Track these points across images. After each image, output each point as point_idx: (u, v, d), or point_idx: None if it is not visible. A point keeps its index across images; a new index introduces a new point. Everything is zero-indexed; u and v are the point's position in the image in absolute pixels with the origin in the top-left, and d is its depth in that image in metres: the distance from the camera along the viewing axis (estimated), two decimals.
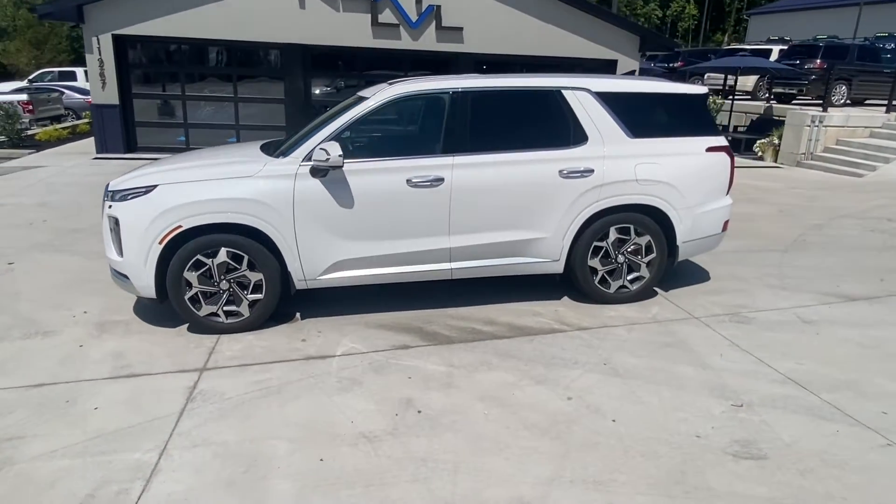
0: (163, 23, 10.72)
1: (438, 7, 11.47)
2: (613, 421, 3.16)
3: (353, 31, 11.34)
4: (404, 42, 11.63)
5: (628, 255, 4.67)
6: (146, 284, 4.09)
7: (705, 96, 4.85)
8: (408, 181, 4.20)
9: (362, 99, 4.40)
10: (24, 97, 14.29)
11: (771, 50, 18.25)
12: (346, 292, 4.71)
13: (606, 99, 4.54)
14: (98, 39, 10.60)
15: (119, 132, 11.12)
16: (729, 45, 34.45)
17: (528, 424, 3.14)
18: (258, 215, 4.06)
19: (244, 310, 4.25)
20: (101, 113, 11.03)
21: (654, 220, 4.62)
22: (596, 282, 4.68)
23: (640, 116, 4.63)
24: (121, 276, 4.18)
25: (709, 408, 3.26)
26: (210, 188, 4.05)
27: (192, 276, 4.10)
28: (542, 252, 4.53)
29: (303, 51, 11.43)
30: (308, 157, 4.09)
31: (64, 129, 13.62)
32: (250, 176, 4.09)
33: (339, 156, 3.97)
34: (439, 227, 4.32)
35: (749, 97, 18.19)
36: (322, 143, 4.05)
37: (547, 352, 3.95)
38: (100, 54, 10.66)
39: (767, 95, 16.58)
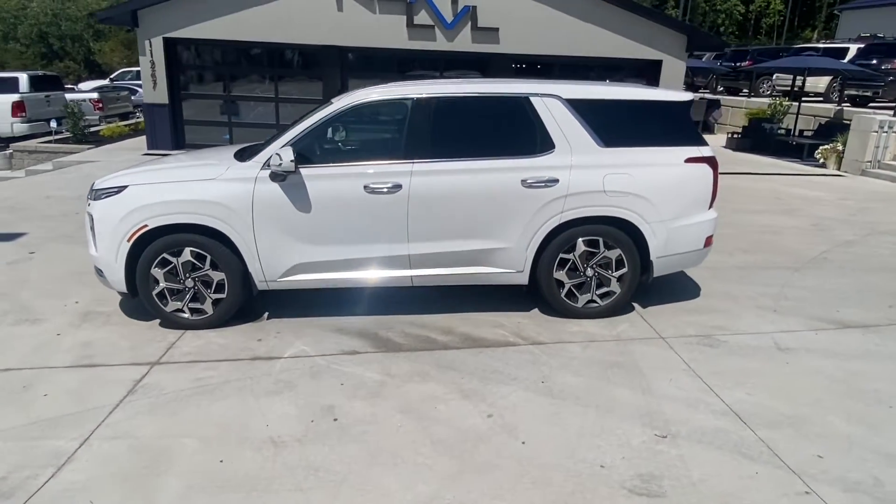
0: (209, 26, 11.23)
1: (474, 8, 11.39)
2: (523, 443, 3.05)
3: (389, 32, 11.46)
4: (439, 43, 11.64)
5: (598, 269, 4.49)
6: (118, 279, 4.32)
7: (686, 104, 4.57)
8: (365, 187, 4.22)
9: (330, 104, 4.46)
10: (95, 95, 15.41)
11: (846, 49, 16.94)
12: (319, 294, 4.76)
13: (577, 106, 4.37)
14: (150, 42, 11.25)
15: (168, 130, 11.77)
16: (818, 42, 32.23)
17: (435, 440, 3.09)
18: (219, 217, 4.19)
19: (208, 307, 4.40)
20: (152, 112, 11.71)
21: (626, 234, 4.42)
22: (562, 295, 4.53)
23: (613, 125, 4.44)
24: (98, 271, 4.43)
25: (630, 436, 3.09)
26: (174, 190, 4.22)
27: (158, 274, 4.30)
28: (505, 262, 4.42)
29: (340, 52, 11.67)
30: (267, 163, 4.19)
31: (127, 125, 14.55)
32: (213, 179, 4.23)
33: (291, 161, 4.04)
34: (398, 233, 4.31)
35: (821, 99, 17.00)
36: (278, 149, 4.14)
37: (489, 366, 3.86)
38: (151, 56, 11.32)
39: (839, 98, 15.43)
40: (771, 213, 8.20)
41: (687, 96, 4.58)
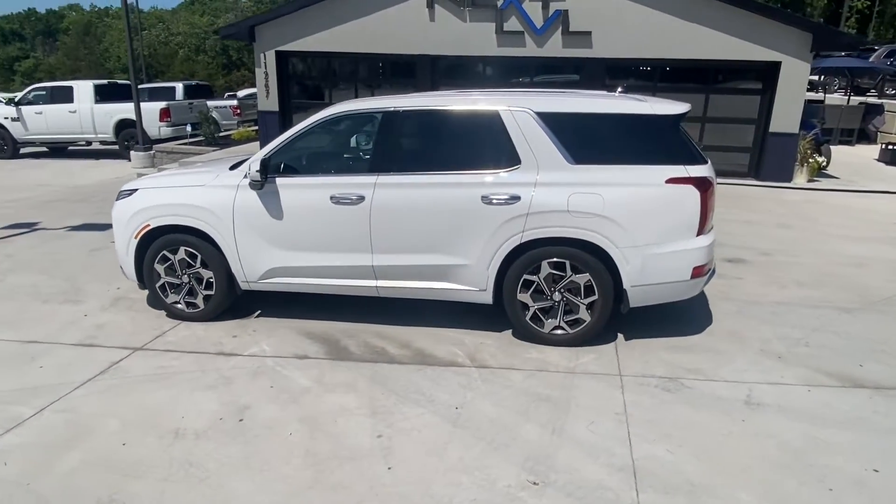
0: (314, 39, 12.11)
1: (565, 12, 11.03)
2: (389, 468, 2.98)
3: (479, 40, 11.50)
4: (528, 49, 11.44)
5: (566, 294, 4.20)
6: (130, 272, 4.91)
7: (675, 118, 4.09)
8: (332, 198, 4.35)
9: (307, 118, 4.65)
10: (234, 103, 17.32)
11: None
12: (311, 298, 4.92)
13: (549, 121, 4.13)
14: (265, 55, 12.39)
15: (277, 135, 12.86)
16: None
17: (310, 453, 3.13)
18: (205, 220, 4.58)
19: (200, 302, 4.83)
20: (265, 118, 12.88)
21: (597, 258, 4.08)
22: (527, 318, 4.30)
23: (586, 141, 4.13)
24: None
25: (500, 478, 2.88)
26: (170, 195, 4.69)
27: (160, 269, 4.80)
28: (467, 280, 4.31)
29: (431, 61, 11.94)
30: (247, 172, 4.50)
31: (255, 130, 16.14)
32: (202, 185, 4.64)
33: (257, 171, 4.31)
34: (362, 244, 4.39)
35: None
36: (253, 159, 4.43)
37: (419, 385, 3.80)
38: (265, 68, 12.46)
39: None
40: (871, 243, 7.00)
41: (675, 109, 4.10)
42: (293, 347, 4.38)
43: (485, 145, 4.27)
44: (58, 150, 16.19)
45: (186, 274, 4.78)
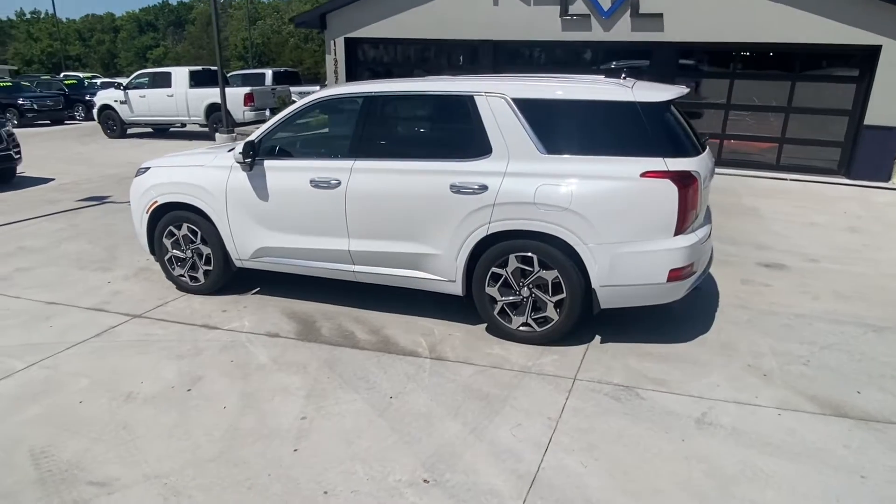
0: (380, 26, 12.30)
1: None
2: (295, 450, 3.01)
3: (542, 24, 11.14)
4: (594, 34, 10.93)
5: (534, 290, 4.00)
6: (144, 244, 5.27)
7: (659, 105, 3.72)
8: (311, 181, 4.42)
9: (294, 102, 4.73)
10: (316, 87, 18.00)
11: None
12: (311, 278, 4.93)
13: (524, 107, 3.93)
14: (335, 42, 12.76)
15: None
16: None
17: (234, 427, 3.22)
18: (202, 198, 4.82)
19: (201, 276, 5.10)
20: None
21: (566, 255, 3.85)
22: (495, 313, 4.15)
23: (561, 129, 3.89)
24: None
25: (394, 472, 2.81)
26: (174, 173, 4.97)
27: (167, 243, 5.12)
28: (437, 270, 4.23)
29: (494, 47, 11.73)
30: None
31: None
32: (201, 165, 4.87)
33: (240, 153, 4.45)
34: (339, 229, 4.43)
35: None
36: (242, 142, 4.58)
37: (366, 372, 3.79)
38: (335, 55, 12.82)
39: None
40: None
41: (661, 96, 3.75)
42: (270, 325, 4.51)
43: (458, 132, 4.15)
44: (160, 131, 17.65)
45: (189, 249, 5.06)
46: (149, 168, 5.15)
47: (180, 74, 16.02)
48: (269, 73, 17.76)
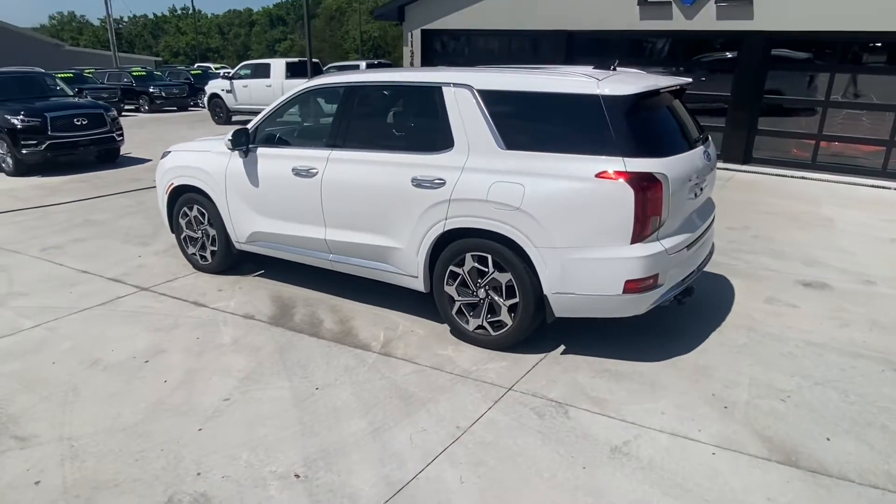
0: (454, 18, 12.23)
1: None
2: (199, 430, 3.09)
3: (619, 12, 10.52)
4: (675, 22, 10.14)
5: (490, 292, 3.81)
6: (165, 223, 5.66)
7: (626, 99, 3.35)
8: (293, 170, 4.50)
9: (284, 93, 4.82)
10: None
11: None
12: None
13: (488, 99, 3.73)
14: (412, 34, 12.88)
15: None
16: None
17: (161, 401, 3.36)
18: (207, 182, 5.07)
19: (209, 256, 5.39)
20: None
21: (520, 257, 3.62)
22: (453, 312, 4.00)
23: (522, 123, 3.66)
24: None
25: (273, 463, 2.80)
26: (186, 158, 5.26)
27: (182, 223, 5.46)
28: (402, 264, 4.15)
29: (567, 37, 11.26)
30: None
31: None
32: (208, 151, 5.12)
33: (229, 140, 4.62)
34: (316, 217, 4.48)
35: None
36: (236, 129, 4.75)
37: (311, 361, 3.81)
38: (412, 46, 12.96)
39: None
40: None
41: (628, 89, 3.37)
42: (251, 307, 4.67)
43: (425, 124, 4.03)
44: None
45: (199, 230, 5.36)
46: (170, 152, 5.51)
47: (278, 66, 16.97)
48: (363, 64, 18.31)
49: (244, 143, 4.68)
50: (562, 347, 3.91)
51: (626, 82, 3.46)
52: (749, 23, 9.57)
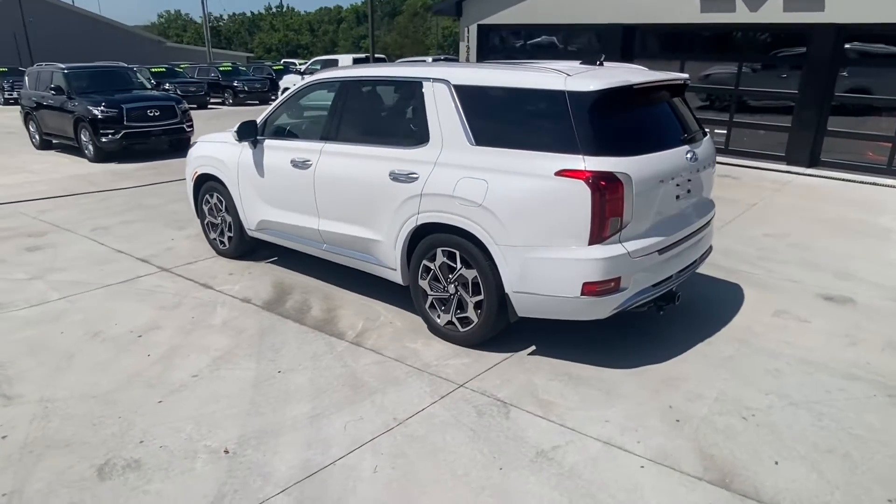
0: (511, 12, 12.11)
1: None
2: (160, 402, 3.29)
3: (678, 4, 10.03)
4: (739, 14, 9.54)
5: (459, 288, 3.80)
6: (192, 209, 6.02)
7: (590, 95, 3.21)
8: (291, 161, 4.67)
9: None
10: None
11: None
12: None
13: (463, 94, 3.71)
14: (468, 29, 12.88)
15: None
16: None
17: (137, 373, 3.60)
18: (222, 171, 5.36)
19: (226, 241, 5.69)
20: None
21: (483, 254, 3.58)
22: (426, 306, 4.02)
23: (492, 119, 3.61)
24: None
25: (211, 438, 2.94)
26: (208, 148, 5.57)
27: (205, 209, 5.79)
28: (382, 257, 4.22)
29: (623, 31, 10.87)
30: None
31: None
32: (225, 142, 5.39)
33: (234, 132, 4.85)
34: (310, 207, 4.63)
35: None
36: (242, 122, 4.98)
37: (285, 345, 3.95)
38: (468, 42, 12.96)
39: None
40: None
41: (593, 84, 3.24)
42: (251, 292, 4.89)
43: (406, 119, 4.06)
44: None
45: (219, 216, 5.67)
46: (197, 142, 5.85)
47: (345, 62, 17.49)
48: (429, 59, 18.53)
49: (251, 135, 4.90)
50: (532, 348, 3.84)
51: (596, 78, 3.34)
52: (819, 14, 8.86)
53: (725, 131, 10.58)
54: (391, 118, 4.24)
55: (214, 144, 5.51)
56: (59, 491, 2.60)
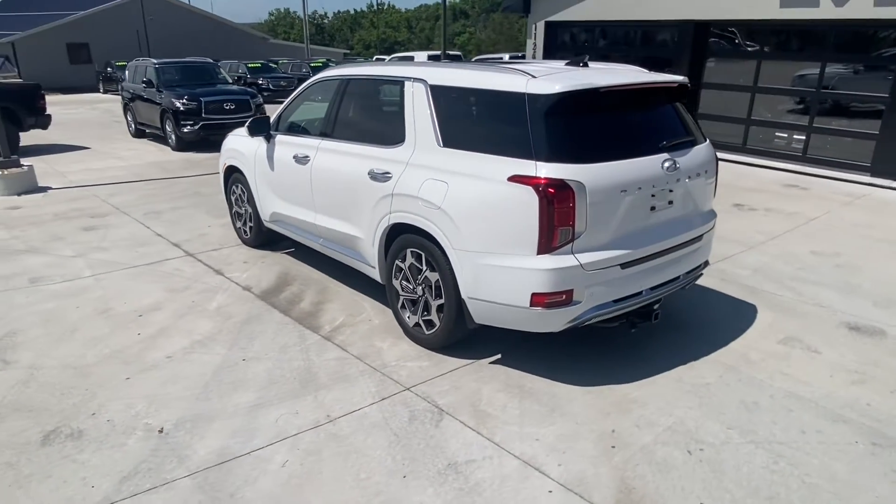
0: (579, 8, 11.74)
1: None
2: (127, 378, 3.51)
3: (756, 0, 9.31)
4: (823, 10, 8.70)
5: (426, 290, 3.76)
6: (224, 198, 6.36)
7: (549, 98, 3.03)
8: (294, 156, 4.82)
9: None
10: None
11: None
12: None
13: (437, 94, 3.67)
14: (535, 26, 12.63)
15: None
16: None
17: (120, 351, 3.86)
18: (244, 164, 5.62)
19: (248, 231, 5.96)
20: None
21: (444, 257, 3.52)
22: (398, 306, 4.01)
23: (460, 120, 3.56)
24: None
25: (156, 417, 3.11)
26: (235, 141, 5.85)
27: (232, 199, 6.10)
28: (364, 254, 4.26)
29: (695, 29, 10.23)
30: None
31: None
32: (245, 136, 5.63)
33: (247, 127, 5.05)
34: (309, 202, 4.75)
35: None
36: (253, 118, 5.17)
37: (264, 333, 4.09)
38: (535, 39, 12.72)
39: None
40: None
41: (553, 87, 3.06)
42: (256, 281, 5.10)
43: (389, 117, 4.06)
44: None
45: (242, 207, 5.95)
46: (230, 135, 6.16)
47: (420, 58, 17.69)
48: (506, 56, 18.37)
49: (262, 130, 5.10)
50: (497, 356, 3.73)
51: (560, 80, 3.17)
52: None
53: (804, 137, 9.71)
54: (376, 117, 4.27)
55: (240, 138, 5.78)
56: (4, 451, 2.85)
